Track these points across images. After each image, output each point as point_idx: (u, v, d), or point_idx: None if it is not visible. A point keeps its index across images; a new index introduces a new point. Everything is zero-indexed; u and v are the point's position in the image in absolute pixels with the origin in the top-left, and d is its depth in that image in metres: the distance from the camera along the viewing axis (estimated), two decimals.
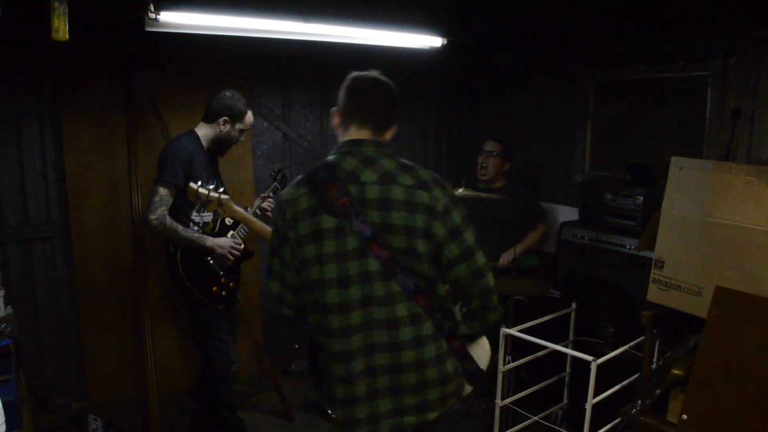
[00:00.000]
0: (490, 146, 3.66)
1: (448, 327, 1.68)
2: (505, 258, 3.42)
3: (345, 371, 1.63)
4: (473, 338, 1.76)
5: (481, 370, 1.77)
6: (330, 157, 1.68)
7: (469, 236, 1.63)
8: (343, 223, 1.59)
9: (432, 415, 1.65)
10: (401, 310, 1.60)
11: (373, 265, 1.58)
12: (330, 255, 1.60)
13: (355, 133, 1.68)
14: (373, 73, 1.73)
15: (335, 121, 1.73)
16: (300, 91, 3.91)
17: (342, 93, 1.71)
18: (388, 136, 1.72)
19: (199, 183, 2.44)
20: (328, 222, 1.60)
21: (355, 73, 1.73)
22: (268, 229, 2.40)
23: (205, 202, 2.44)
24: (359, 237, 1.58)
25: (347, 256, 1.59)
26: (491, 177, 3.63)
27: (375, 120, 1.68)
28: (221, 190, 2.49)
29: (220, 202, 2.44)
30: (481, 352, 1.81)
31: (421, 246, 1.58)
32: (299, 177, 1.71)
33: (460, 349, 1.71)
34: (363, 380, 1.62)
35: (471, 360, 1.73)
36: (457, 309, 1.74)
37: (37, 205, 3.21)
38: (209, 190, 2.43)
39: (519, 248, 3.45)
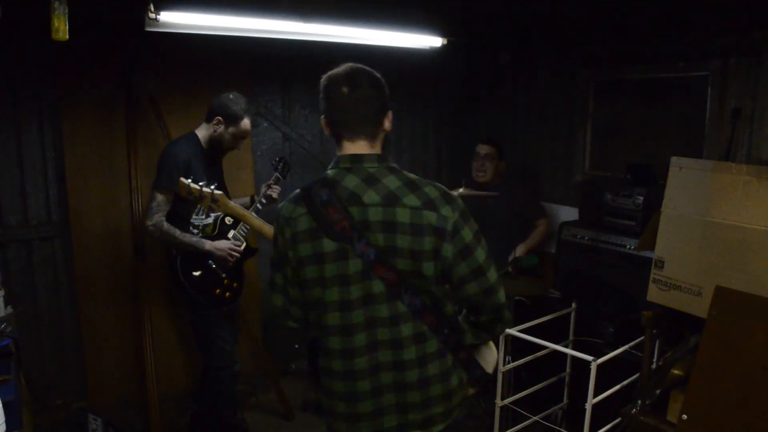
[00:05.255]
0: (484, 150, 3.66)
1: (455, 340, 1.63)
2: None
3: (348, 389, 1.60)
4: (479, 346, 1.74)
5: (487, 374, 1.74)
6: (329, 173, 1.58)
7: (481, 253, 1.56)
8: (344, 246, 1.52)
9: (437, 429, 1.64)
10: (406, 330, 1.55)
11: (378, 287, 1.53)
12: (332, 279, 1.55)
13: (350, 147, 1.57)
14: (346, 68, 1.57)
15: (326, 130, 1.62)
16: (300, 91, 3.91)
17: (321, 100, 1.58)
18: (387, 127, 1.62)
19: (191, 179, 2.40)
20: (329, 246, 1.53)
21: (327, 76, 1.57)
22: (268, 226, 2.38)
23: (199, 198, 2.40)
24: (362, 259, 1.52)
25: (349, 280, 1.54)
26: (490, 179, 3.64)
27: (365, 128, 1.57)
28: (214, 185, 2.44)
29: (213, 198, 2.40)
30: (489, 355, 1.78)
31: (428, 269, 1.52)
32: (297, 192, 1.62)
33: (466, 359, 1.68)
34: (368, 399, 1.59)
35: (477, 366, 1.71)
36: (461, 318, 1.69)
37: (37, 205, 3.21)
38: (201, 185, 2.38)
39: (522, 248, 3.46)
